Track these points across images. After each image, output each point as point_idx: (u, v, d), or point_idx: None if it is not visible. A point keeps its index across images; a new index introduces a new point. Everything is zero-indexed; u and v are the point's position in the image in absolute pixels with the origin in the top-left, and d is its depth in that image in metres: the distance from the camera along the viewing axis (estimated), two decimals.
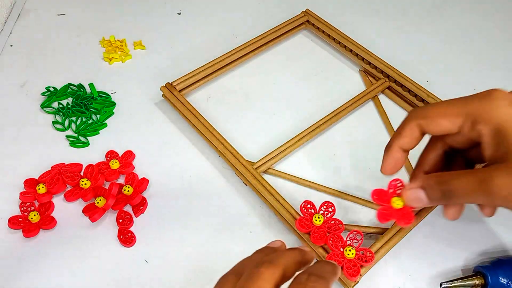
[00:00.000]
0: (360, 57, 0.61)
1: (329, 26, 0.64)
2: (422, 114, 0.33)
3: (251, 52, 0.62)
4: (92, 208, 0.47)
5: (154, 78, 0.61)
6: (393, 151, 0.35)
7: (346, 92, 0.59)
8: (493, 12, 0.71)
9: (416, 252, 0.46)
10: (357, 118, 0.57)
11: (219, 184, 0.51)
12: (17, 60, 0.63)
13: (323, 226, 0.44)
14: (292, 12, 0.67)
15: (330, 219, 0.44)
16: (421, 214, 0.46)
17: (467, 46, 0.66)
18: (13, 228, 0.47)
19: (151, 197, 0.50)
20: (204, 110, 0.56)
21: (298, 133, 0.53)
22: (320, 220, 0.44)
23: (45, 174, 0.50)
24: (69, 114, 0.56)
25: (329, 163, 0.53)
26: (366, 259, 0.41)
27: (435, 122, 0.32)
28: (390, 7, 0.71)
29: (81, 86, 0.60)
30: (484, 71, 0.63)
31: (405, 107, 0.58)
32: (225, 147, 0.51)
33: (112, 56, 0.63)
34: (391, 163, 0.35)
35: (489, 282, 0.41)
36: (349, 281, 0.41)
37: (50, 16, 0.70)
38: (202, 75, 0.58)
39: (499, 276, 0.41)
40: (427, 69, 0.62)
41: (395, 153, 0.35)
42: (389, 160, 0.35)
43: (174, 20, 0.69)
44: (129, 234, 0.46)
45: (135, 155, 0.53)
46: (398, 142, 0.34)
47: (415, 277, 0.44)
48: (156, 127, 0.56)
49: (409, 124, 0.34)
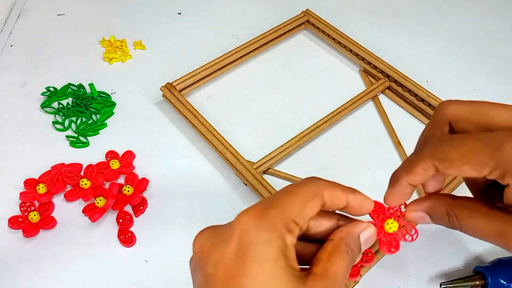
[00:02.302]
0: (360, 57, 0.61)
1: (329, 26, 0.64)
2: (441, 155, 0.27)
3: (251, 52, 0.62)
4: (92, 208, 0.47)
5: (154, 78, 0.61)
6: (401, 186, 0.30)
7: (346, 92, 0.59)
8: (493, 12, 0.71)
9: (416, 252, 0.46)
10: (357, 118, 0.57)
11: (219, 184, 0.51)
12: (17, 60, 0.63)
13: None
14: (292, 12, 0.67)
15: None
16: None
17: (467, 46, 0.66)
18: (13, 228, 0.47)
19: (151, 197, 0.50)
20: (204, 110, 0.56)
21: (298, 133, 0.53)
22: None
23: (45, 174, 0.50)
24: (69, 114, 0.56)
25: (329, 163, 0.53)
26: (366, 259, 0.41)
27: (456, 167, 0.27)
28: (390, 7, 0.71)
29: (81, 86, 0.60)
30: (484, 71, 0.63)
31: (405, 107, 0.58)
32: (225, 147, 0.51)
33: (112, 56, 0.63)
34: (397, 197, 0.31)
35: (489, 283, 0.41)
36: (349, 281, 0.41)
37: (50, 16, 0.70)
38: (202, 75, 0.58)
39: (499, 277, 0.41)
40: (427, 69, 0.62)
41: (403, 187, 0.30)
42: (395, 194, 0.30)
43: (174, 20, 0.69)
44: (129, 234, 0.46)
45: (135, 155, 0.53)
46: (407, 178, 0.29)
47: (415, 277, 0.44)
48: (156, 127, 0.56)
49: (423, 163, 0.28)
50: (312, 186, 0.26)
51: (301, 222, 0.25)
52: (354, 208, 0.28)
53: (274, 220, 0.24)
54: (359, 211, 0.28)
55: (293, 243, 0.25)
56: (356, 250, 0.27)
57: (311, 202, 0.25)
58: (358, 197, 0.28)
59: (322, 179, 0.27)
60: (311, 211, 0.25)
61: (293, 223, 0.24)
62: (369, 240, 0.28)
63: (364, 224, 0.28)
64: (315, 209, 0.26)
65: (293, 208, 0.25)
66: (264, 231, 0.24)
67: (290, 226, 0.24)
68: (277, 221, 0.24)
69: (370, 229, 0.28)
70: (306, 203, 0.25)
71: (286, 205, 0.25)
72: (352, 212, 0.28)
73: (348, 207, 0.27)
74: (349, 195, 0.27)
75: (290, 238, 0.24)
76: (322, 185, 0.26)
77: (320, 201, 0.26)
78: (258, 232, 0.24)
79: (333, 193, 0.26)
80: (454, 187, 0.48)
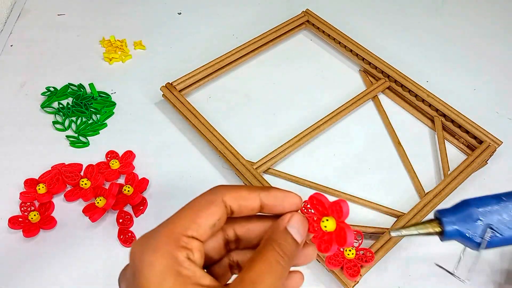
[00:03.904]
0: (360, 57, 0.61)
1: (329, 26, 0.64)
2: None
3: (251, 52, 0.62)
4: (92, 208, 0.47)
5: (154, 78, 0.61)
6: None
7: (346, 92, 0.59)
8: (493, 12, 0.71)
9: (416, 252, 0.46)
10: (357, 118, 0.57)
11: (219, 184, 0.51)
12: (17, 60, 0.63)
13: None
14: (292, 12, 0.67)
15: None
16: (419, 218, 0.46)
17: (467, 46, 0.66)
18: (13, 228, 0.47)
19: (151, 197, 0.50)
20: (204, 110, 0.56)
21: (298, 133, 0.53)
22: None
23: (45, 174, 0.50)
24: (69, 114, 0.56)
25: (329, 163, 0.53)
26: (366, 259, 0.41)
27: None
28: (390, 7, 0.71)
29: (81, 86, 0.60)
30: (484, 71, 0.63)
31: (405, 107, 0.58)
32: (225, 147, 0.51)
33: (112, 56, 0.63)
34: None
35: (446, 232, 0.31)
36: (349, 281, 0.41)
37: (50, 16, 0.70)
38: (202, 75, 0.58)
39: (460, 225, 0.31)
40: (427, 69, 0.62)
41: None
42: None
43: (174, 20, 0.69)
44: (129, 234, 0.46)
45: (135, 155, 0.53)
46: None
47: (415, 277, 0.44)
48: (156, 127, 0.56)
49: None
50: (208, 195, 0.25)
51: (196, 234, 0.24)
52: (273, 206, 0.26)
53: (161, 239, 0.23)
54: (281, 208, 0.26)
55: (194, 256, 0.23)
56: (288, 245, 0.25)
57: (205, 210, 0.24)
58: (273, 193, 0.26)
59: (226, 185, 0.26)
60: (208, 219, 0.24)
61: (184, 238, 0.23)
62: (300, 229, 0.25)
63: (287, 215, 0.25)
64: (212, 217, 0.24)
65: (182, 223, 0.24)
66: (146, 255, 0.23)
67: (179, 242, 0.23)
68: (163, 240, 0.23)
69: (295, 217, 0.25)
70: (199, 213, 0.24)
71: (175, 221, 0.24)
72: (274, 211, 0.26)
73: (265, 207, 0.26)
74: (261, 194, 0.25)
75: (182, 254, 0.23)
76: (221, 191, 0.25)
77: (218, 208, 0.24)
78: (141, 256, 0.23)
79: (237, 195, 0.25)
80: (454, 187, 0.48)
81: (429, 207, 0.46)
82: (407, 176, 0.51)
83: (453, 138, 0.55)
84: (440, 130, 0.54)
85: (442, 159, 0.52)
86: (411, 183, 0.51)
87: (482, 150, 0.51)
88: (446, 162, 0.51)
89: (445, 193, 0.47)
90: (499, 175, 0.52)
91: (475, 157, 0.50)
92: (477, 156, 0.50)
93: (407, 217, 0.45)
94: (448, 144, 0.54)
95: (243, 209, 0.25)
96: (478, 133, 0.52)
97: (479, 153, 0.50)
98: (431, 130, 0.56)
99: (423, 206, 0.46)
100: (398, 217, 0.47)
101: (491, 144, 0.51)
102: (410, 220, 0.45)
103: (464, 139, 0.53)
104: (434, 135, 0.55)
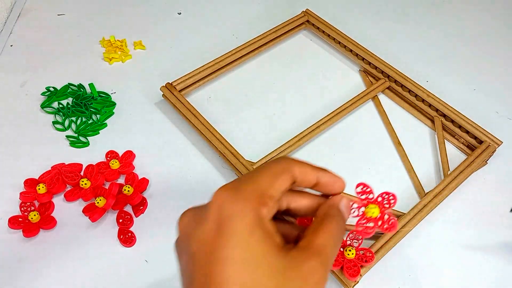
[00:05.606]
0: (360, 57, 0.61)
1: (329, 26, 0.64)
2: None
3: (251, 52, 0.62)
4: (92, 208, 0.47)
5: (154, 78, 0.61)
6: None
7: (346, 92, 0.59)
8: (493, 12, 0.71)
9: (416, 252, 0.46)
10: (357, 118, 0.57)
11: (219, 184, 0.50)
12: (17, 60, 0.63)
13: None
14: (292, 12, 0.67)
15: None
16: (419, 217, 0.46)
17: (467, 46, 0.66)
18: (13, 228, 0.47)
19: (151, 197, 0.50)
20: (204, 110, 0.56)
21: (298, 133, 0.53)
22: None
23: (45, 174, 0.50)
24: (69, 114, 0.56)
25: (329, 163, 0.53)
26: (366, 259, 0.41)
27: None
28: (390, 7, 0.71)
29: (81, 86, 0.60)
30: (484, 71, 0.63)
31: (405, 107, 0.58)
32: (225, 147, 0.51)
33: (112, 56, 0.63)
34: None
35: None
36: (349, 281, 0.41)
37: (50, 16, 0.70)
38: (202, 75, 0.58)
39: None
40: (427, 69, 0.62)
41: None
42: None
43: (174, 20, 0.69)
44: (129, 234, 0.46)
45: (135, 155, 0.53)
46: None
47: (415, 277, 0.44)
48: (156, 127, 0.56)
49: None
50: (282, 163, 0.27)
51: (275, 194, 0.26)
52: (326, 185, 0.29)
53: (248, 193, 0.25)
54: (331, 189, 0.29)
55: (269, 215, 0.25)
56: (340, 218, 0.28)
57: (281, 176, 0.26)
58: (328, 175, 0.29)
59: (293, 158, 0.28)
60: (282, 184, 0.26)
61: (266, 196, 0.25)
62: (345, 210, 0.29)
63: (338, 196, 0.29)
64: (286, 182, 0.27)
65: (264, 182, 0.26)
66: (238, 204, 0.24)
67: (263, 199, 0.25)
68: (250, 194, 0.25)
69: (344, 199, 0.29)
70: (277, 177, 0.26)
71: (258, 180, 0.26)
72: (324, 190, 0.29)
73: (319, 185, 0.28)
74: (319, 173, 0.28)
75: (265, 211, 0.25)
76: (292, 162, 0.27)
77: (290, 176, 0.27)
78: (233, 205, 0.24)
79: (303, 169, 0.28)
80: (454, 187, 0.48)
81: (429, 207, 0.46)
82: (407, 176, 0.51)
83: (453, 138, 0.55)
84: (440, 130, 0.54)
85: (442, 159, 0.52)
86: (411, 183, 0.51)
87: (482, 150, 0.51)
88: (446, 162, 0.51)
89: (445, 193, 0.47)
90: (499, 175, 0.52)
91: (475, 157, 0.50)
92: (477, 156, 0.50)
93: (407, 217, 0.45)
94: (448, 144, 0.54)
95: (303, 183, 0.28)
96: (478, 133, 0.52)
97: (479, 153, 0.50)
98: (431, 130, 0.56)
99: (423, 206, 0.46)
100: (398, 217, 0.47)
101: (491, 144, 0.51)
102: (410, 220, 0.45)
103: (464, 139, 0.54)
104: (434, 135, 0.55)
